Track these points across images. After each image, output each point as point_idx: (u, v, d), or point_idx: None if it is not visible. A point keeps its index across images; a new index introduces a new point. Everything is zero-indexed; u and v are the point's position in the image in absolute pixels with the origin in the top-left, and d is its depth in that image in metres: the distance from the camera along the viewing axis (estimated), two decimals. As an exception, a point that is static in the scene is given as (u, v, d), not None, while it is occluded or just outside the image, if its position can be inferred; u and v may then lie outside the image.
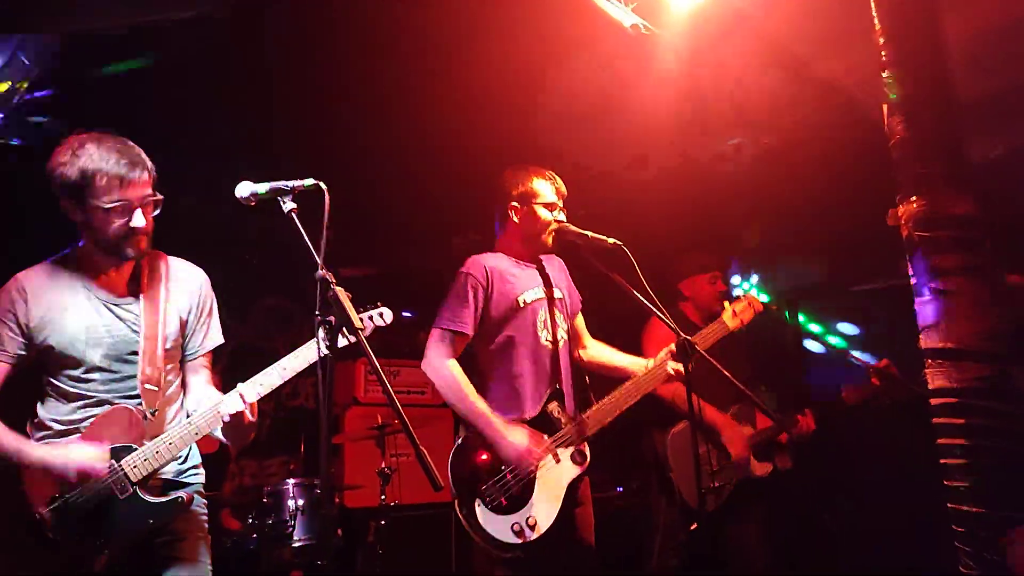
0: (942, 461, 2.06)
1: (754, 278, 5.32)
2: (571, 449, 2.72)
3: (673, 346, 2.66)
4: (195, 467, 2.40)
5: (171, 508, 2.23)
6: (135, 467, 2.18)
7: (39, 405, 2.29)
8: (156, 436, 2.23)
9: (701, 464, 3.54)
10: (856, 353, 4.25)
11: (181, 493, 2.25)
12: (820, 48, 3.16)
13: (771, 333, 5.01)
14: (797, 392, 4.08)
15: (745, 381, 2.59)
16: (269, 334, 5.62)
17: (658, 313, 2.53)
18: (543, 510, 2.60)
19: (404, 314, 6.22)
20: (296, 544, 3.67)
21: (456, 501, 2.67)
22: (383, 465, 3.94)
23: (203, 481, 2.41)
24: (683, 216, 4.69)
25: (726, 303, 3.25)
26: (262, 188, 2.15)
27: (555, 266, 3.04)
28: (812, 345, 5.20)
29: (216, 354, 2.53)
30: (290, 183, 2.12)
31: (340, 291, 2.00)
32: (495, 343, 2.79)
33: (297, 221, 2.09)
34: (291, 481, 3.88)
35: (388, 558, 4.00)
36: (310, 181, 2.12)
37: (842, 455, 4.68)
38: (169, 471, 2.30)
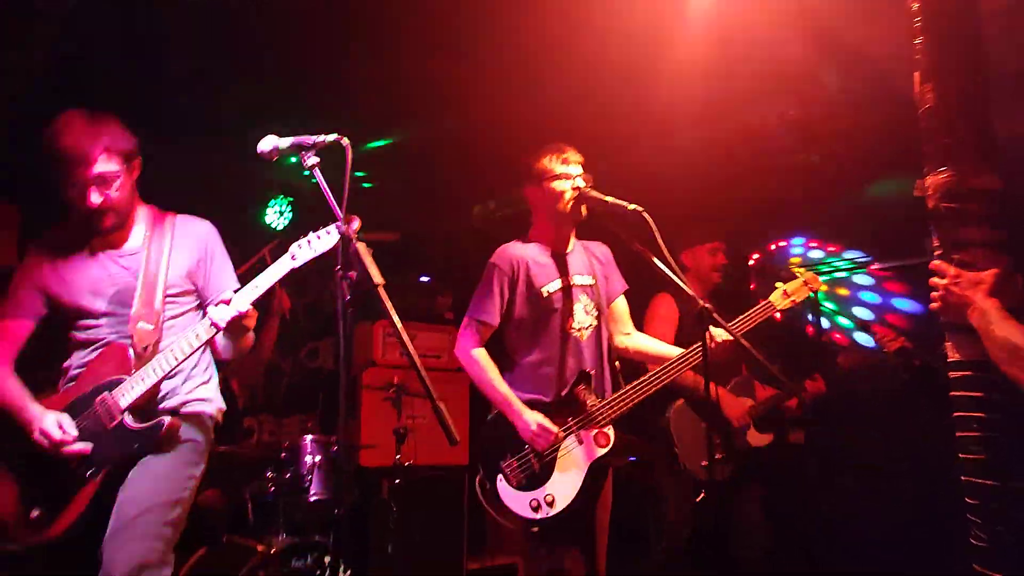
0: (958, 434, 2.06)
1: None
2: (595, 431, 2.75)
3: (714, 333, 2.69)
4: (201, 399, 2.50)
5: (154, 431, 2.33)
6: (123, 396, 2.33)
7: (68, 356, 2.50)
8: None
9: (703, 438, 3.62)
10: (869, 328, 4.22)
11: (165, 418, 2.35)
12: (853, 14, 3.09)
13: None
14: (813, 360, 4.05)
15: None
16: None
17: (677, 280, 2.52)
18: (562, 488, 2.69)
19: (422, 279, 6.26)
20: (313, 498, 3.76)
21: (479, 476, 2.82)
22: (399, 425, 3.99)
23: (210, 411, 2.53)
24: (707, 188, 4.65)
25: (778, 283, 3.14)
26: (284, 143, 2.18)
27: (591, 253, 3.05)
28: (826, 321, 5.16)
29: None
30: (312, 138, 2.14)
31: (361, 246, 2.02)
32: (521, 330, 2.90)
33: (319, 176, 2.11)
34: (308, 437, 3.95)
35: (401, 516, 4.07)
36: (332, 136, 2.13)
37: (852, 437, 4.68)
38: (171, 400, 2.43)
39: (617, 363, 3.00)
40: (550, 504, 2.67)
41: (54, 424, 2.29)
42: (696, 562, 3.64)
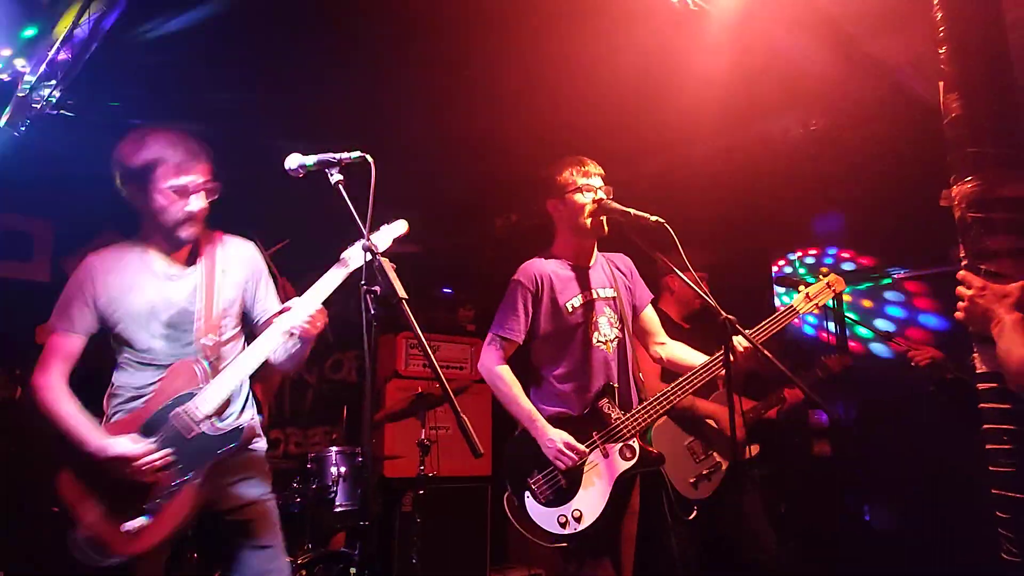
0: (987, 447, 2.03)
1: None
2: (620, 444, 2.75)
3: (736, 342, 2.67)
4: (250, 422, 2.53)
5: (235, 435, 2.39)
6: (200, 406, 2.37)
7: (116, 372, 2.50)
8: None
9: (685, 453, 3.63)
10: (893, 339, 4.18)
11: (242, 423, 2.44)
12: (875, 25, 3.07)
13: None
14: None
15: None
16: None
17: (700, 292, 2.52)
18: (588, 503, 2.69)
19: (444, 291, 6.30)
20: (338, 509, 3.80)
21: (507, 492, 2.81)
22: (422, 436, 4.01)
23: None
24: (728, 198, 4.64)
25: (801, 286, 3.10)
26: (310, 160, 2.22)
27: (614, 265, 3.05)
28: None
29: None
30: (337, 155, 2.18)
31: (385, 261, 2.05)
32: (546, 345, 2.90)
33: (344, 192, 2.15)
34: (334, 449, 3.99)
35: (425, 526, 4.08)
36: (356, 153, 2.17)
37: (878, 449, 4.62)
38: (227, 424, 2.44)
39: (640, 375, 2.98)
40: (578, 520, 2.67)
41: (128, 445, 2.28)
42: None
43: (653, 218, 2.66)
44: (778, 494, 4.30)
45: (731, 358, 2.52)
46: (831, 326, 4.92)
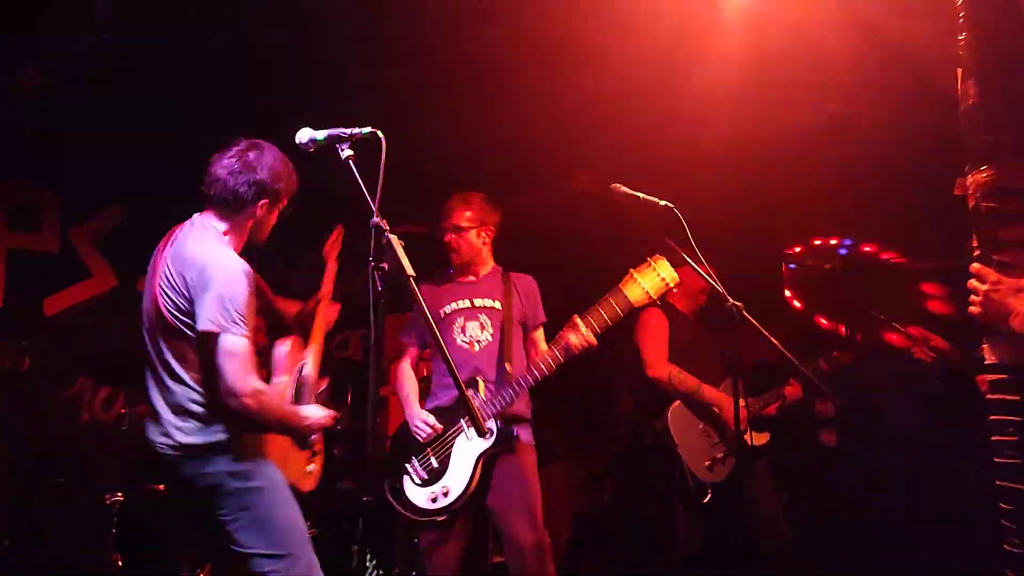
0: (993, 438, 2.02)
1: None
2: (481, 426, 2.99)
3: (577, 319, 3.07)
4: None
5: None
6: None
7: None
8: None
9: (702, 437, 3.66)
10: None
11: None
12: (896, 8, 3.03)
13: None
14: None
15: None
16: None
17: (708, 278, 2.52)
18: (455, 480, 3.10)
19: (450, 271, 6.28)
20: (342, 488, 3.82)
21: (388, 479, 3.21)
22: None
23: None
24: (743, 183, 4.59)
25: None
26: (321, 135, 2.21)
27: (513, 284, 3.41)
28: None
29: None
30: (348, 130, 2.18)
31: (394, 238, 2.05)
32: (428, 348, 3.48)
33: (354, 168, 2.14)
34: (337, 427, 3.98)
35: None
36: (367, 129, 2.16)
37: (884, 440, 4.61)
38: None
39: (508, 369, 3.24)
40: (446, 495, 3.08)
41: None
42: (717, 559, 3.66)
43: (663, 202, 2.65)
44: (783, 483, 4.30)
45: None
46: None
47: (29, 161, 4.52)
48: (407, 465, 3.19)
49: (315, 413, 2.65)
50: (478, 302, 3.34)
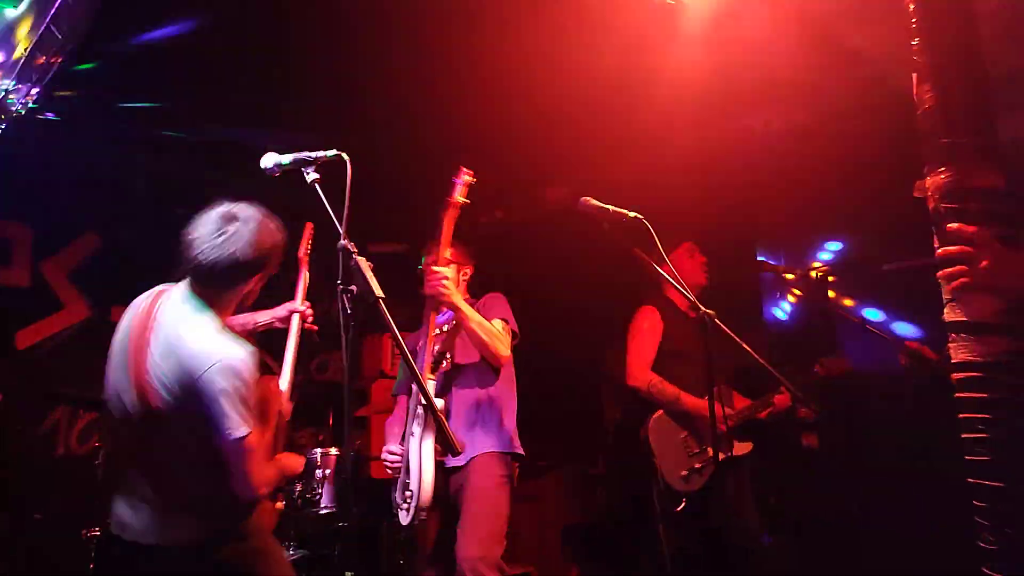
0: (963, 436, 2.04)
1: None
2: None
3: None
4: None
5: None
6: None
7: None
8: None
9: (681, 448, 3.67)
10: (891, 328, 4.19)
11: None
12: (850, 17, 3.09)
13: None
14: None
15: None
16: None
17: (678, 287, 2.54)
18: (414, 479, 2.99)
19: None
20: (323, 511, 3.78)
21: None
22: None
23: None
24: (711, 193, 4.65)
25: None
26: (286, 159, 2.21)
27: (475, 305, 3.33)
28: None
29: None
30: (313, 154, 2.18)
31: (362, 260, 2.05)
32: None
33: (320, 192, 2.14)
34: (318, 451, 3.97)
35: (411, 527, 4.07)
36: (332, 152, 2.16)
37: (866, 437, 4.64)
38: None
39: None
40: (410, 499, 2.99)
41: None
42: (696, 561, 3.68)
43: (631, 214, 2.68)
44: (768, 486, 4.32)
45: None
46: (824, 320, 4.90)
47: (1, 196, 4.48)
48: (397, 500, 3.09)
49: (292, 464, 2.56)
50: (437, 331, 3.34)
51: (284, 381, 2.78)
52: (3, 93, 3.75)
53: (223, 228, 2.21)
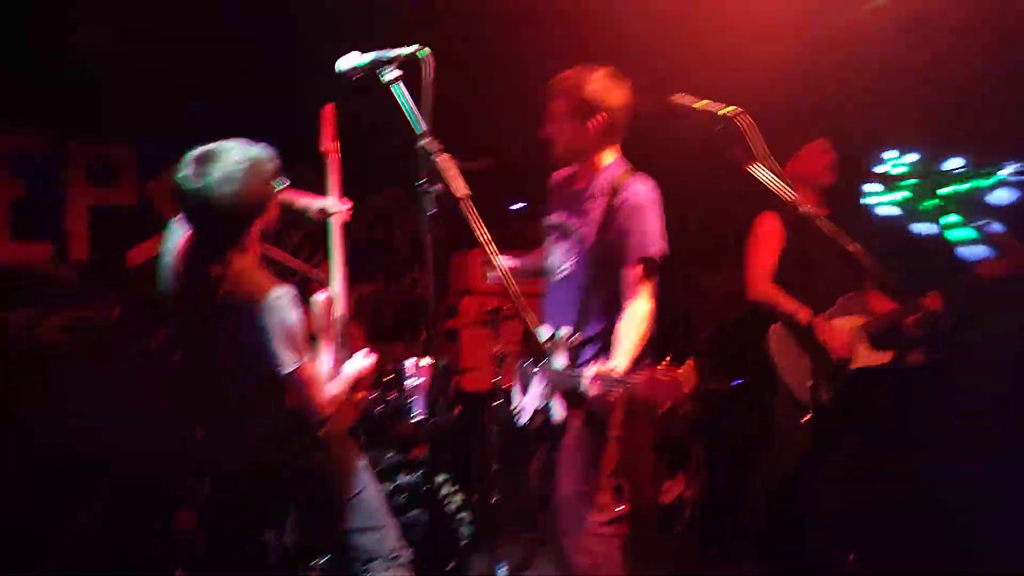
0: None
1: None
2: None
3: None
4: None
5: None
6: None
7: None
8: None
9: (803, 363, 3.51)
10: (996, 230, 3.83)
11: None
12: None
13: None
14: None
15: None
16: (388, 226, 5.83)
17: (778, 183, 2.37)
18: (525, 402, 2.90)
19: (518, 205, 6.20)
20: (415, 419, 3.91)
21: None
22: (497, 350, 4.04)
23: None
24: (813, 94, 4.32)
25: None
26: (364, 60, 2.14)
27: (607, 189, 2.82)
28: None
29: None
30: (391, 52, 2.10)
31: (444, 158, 2.00)
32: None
33: (401, 89, 2.08)
34: (410, 360, 4.07)
35: (503, 437, 4.15)
36: (411, 48, 2.08)
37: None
38: None
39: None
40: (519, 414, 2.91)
41: None
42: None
43: (725, 110, 2.49)
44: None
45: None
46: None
47: (103, 119, 4.64)
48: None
49: (358, 366, 2.61)
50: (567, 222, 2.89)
51: (336, 285, 2.73)
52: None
53: (199, 178, 2.20)
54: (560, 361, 2.65)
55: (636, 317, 2.60)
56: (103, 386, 4.34)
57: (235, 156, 2.21)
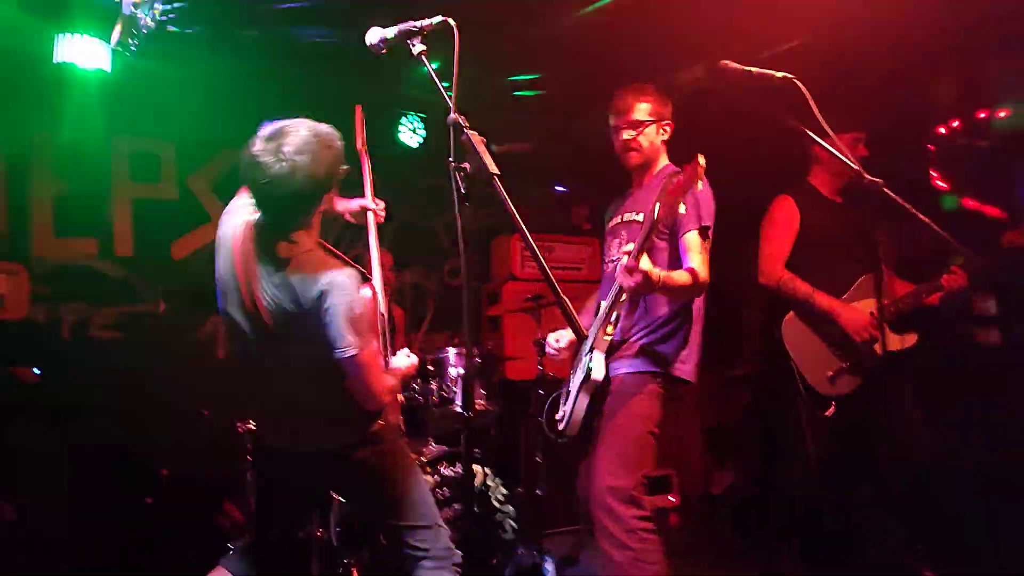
0: None
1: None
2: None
3: None
4: None
5: None
6: None
7: None
8: None
9: (822, 347, 3.32)
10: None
11: None
12: None
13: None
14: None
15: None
16: (427, 213, 5.76)
17: (834, 152, 2.20)
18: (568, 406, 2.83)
19: (558, 189, 6.08)
20: (457, 409, 3.83)
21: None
22: (539, 336, 3.93)
23: None
24: (876, 58, 4.05)
25: None
26: (391, 32, 2.06)
27: (652, 187, 2.91)
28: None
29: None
30: (418, 23, 2.01)
31: (474, 135, 1.90)
32: None
33: (427, 63, 1.99)
34: (452, 350, 3.99)
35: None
36: (438, 19, 1.98)
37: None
38: None
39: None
40: (562, 419, 2.84)
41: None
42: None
43: (780, 74, 2.34)
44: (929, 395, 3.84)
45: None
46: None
47: (146, 115, 4.67)
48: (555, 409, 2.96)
49: (404, 363, 2.66)
50: (627, 216, 2.99)
51: (376, 282, 2.72)
52: (131, 8, 3.81)
53: (277, 150, 2.13)
54: (599, 362, 2.69)
55: (687, 274, 2.67)
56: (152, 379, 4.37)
57: (305, 132, 2.17)
